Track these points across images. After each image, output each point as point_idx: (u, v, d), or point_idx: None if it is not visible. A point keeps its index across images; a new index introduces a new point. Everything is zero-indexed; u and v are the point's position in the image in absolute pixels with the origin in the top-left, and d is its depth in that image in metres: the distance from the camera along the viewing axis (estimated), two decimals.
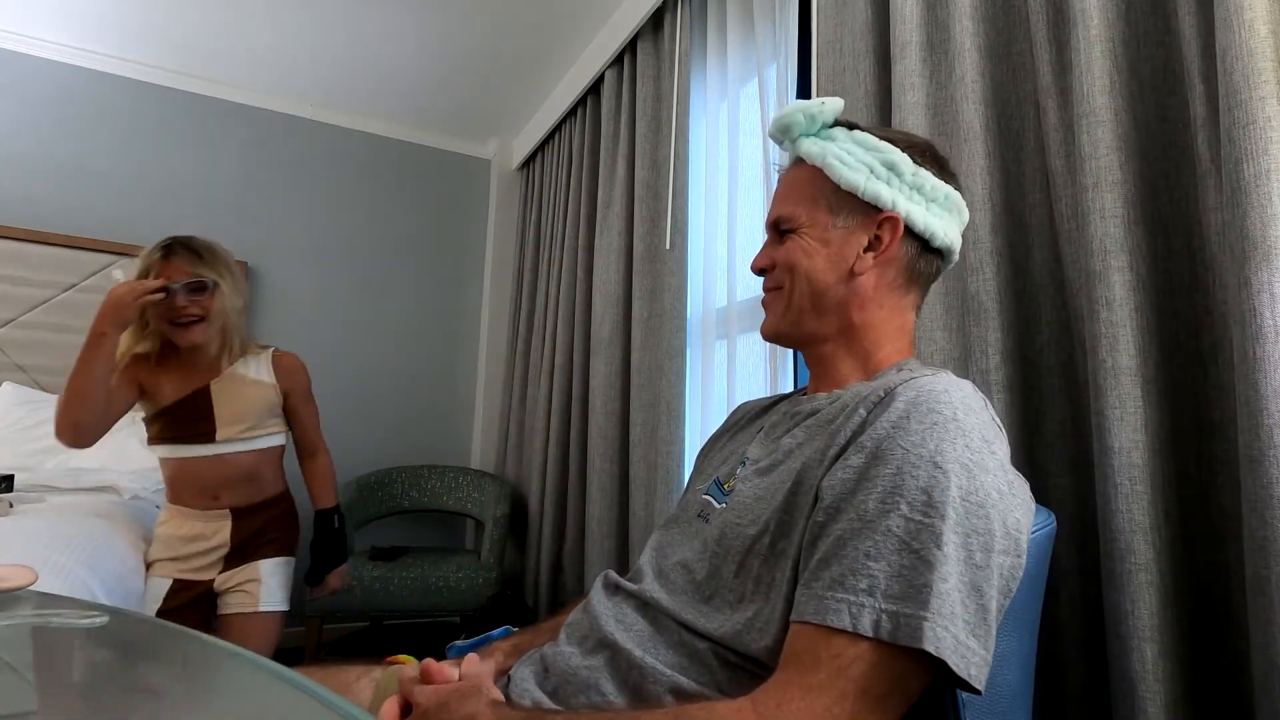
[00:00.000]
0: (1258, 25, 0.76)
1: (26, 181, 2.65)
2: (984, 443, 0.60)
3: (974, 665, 0.54)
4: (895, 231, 0.74)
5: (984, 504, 0.57)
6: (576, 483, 2.35)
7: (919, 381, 0.63)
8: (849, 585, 0.55)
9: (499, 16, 2.47)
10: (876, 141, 0.76)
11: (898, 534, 0.56)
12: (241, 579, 1.61)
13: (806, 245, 0.76)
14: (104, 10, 2.50)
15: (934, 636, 0.52)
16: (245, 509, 1.62)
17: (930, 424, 0.59)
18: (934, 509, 0.56)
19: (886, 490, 0.57)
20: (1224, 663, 0.82)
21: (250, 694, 0.56)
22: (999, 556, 0.57)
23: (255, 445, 1.63)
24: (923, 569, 0.54)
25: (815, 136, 0.79)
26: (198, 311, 1.51)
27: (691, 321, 1.93)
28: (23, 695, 0.51)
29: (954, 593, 0.54)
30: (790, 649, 0.57)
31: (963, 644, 0.53)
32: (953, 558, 0.54)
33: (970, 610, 0.54)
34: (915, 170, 0.74)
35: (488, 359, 3.31)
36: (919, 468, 0.57)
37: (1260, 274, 0.73)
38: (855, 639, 0.54)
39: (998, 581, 0.57)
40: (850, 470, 0.61)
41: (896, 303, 0.76)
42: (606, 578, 0.81)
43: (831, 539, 0.58)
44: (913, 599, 0.53)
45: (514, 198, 3.46)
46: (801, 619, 0.57)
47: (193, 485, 1.59)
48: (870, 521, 0.57)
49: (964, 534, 0.56)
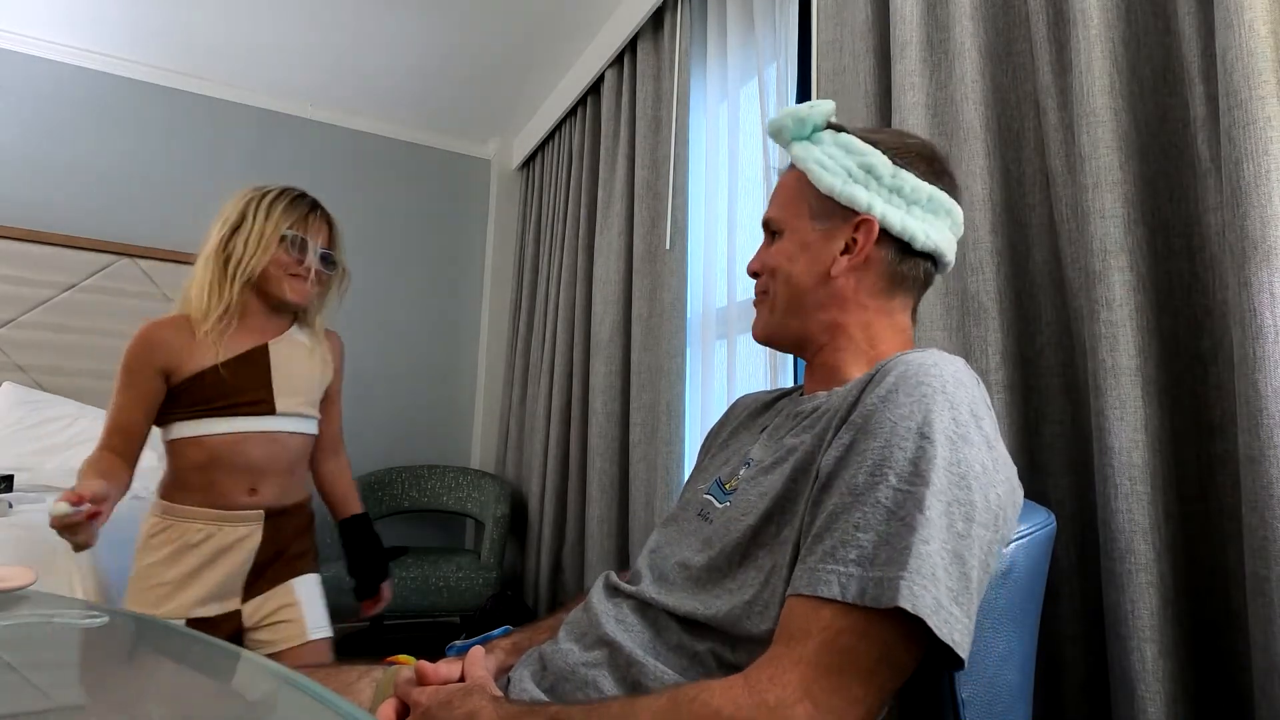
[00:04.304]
0: (1258, 25, 0.76)
1: (26, 181, 2.65)
2: (971, 416, 0.60)
3: (957, 631, 0.53)
4: (870, 234, 0.73)
5: (966, 475, 0.57)
6: (576, 483, 2.35)
7: (908, 356, 0.63)
8: (839, 556, 0.56)
9: (499, 16, 2.47)
10: (859, 144, 0.76)
11: (885, 504, 0.56)
12: (275, 606, 1.31)
13: (788, 248, 0.78)
14: (104, 10, 2.49)
15: (910, 594, 0.52)
16: (278, 511, 1.33)
17: (918, 396, 0.59)
18: (919, 478, 0.56)
19: (875, 463, 0.58)
20: (1224, 663, 0.82)
21: (250, 694, 0.56)
22: (979, 529, 0.57)
23: (308, 428, 1.38)
24: (905, 533, 0.54)
25: (806, 140, 0.79)
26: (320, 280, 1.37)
27: (691, 321, 1.93)
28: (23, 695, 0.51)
29: (935, 556, 0.54)
30: (783, 623, 0.57)
31: (945, 608, 0.53)
32: (936, 523, 0.55)
33: (953, 577, 0.54)
34: (895, 172, 0.74)
35: (488, 359, 3.31)
36: (906, 439, 0.58)
37: (1260, 274, 0.73)
38: (845, 608, 0.54)
39: (979, 552, 0.57)
40: (841, 447, 0.61)
41: (881, 305, 0.76)
42: (607, 579, 0.81)
43: (825, 514, 0.59)
44: (894, 562, 0.54)
45: (514, 198, 3.46)
46: (795, 592, 0.57)
47: (231, 473, 1.27)
48: (860, 494, 0.57)
49: (947, 502, 0.56)
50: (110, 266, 2.68)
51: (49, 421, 2.31)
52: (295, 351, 1.37)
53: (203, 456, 1.27)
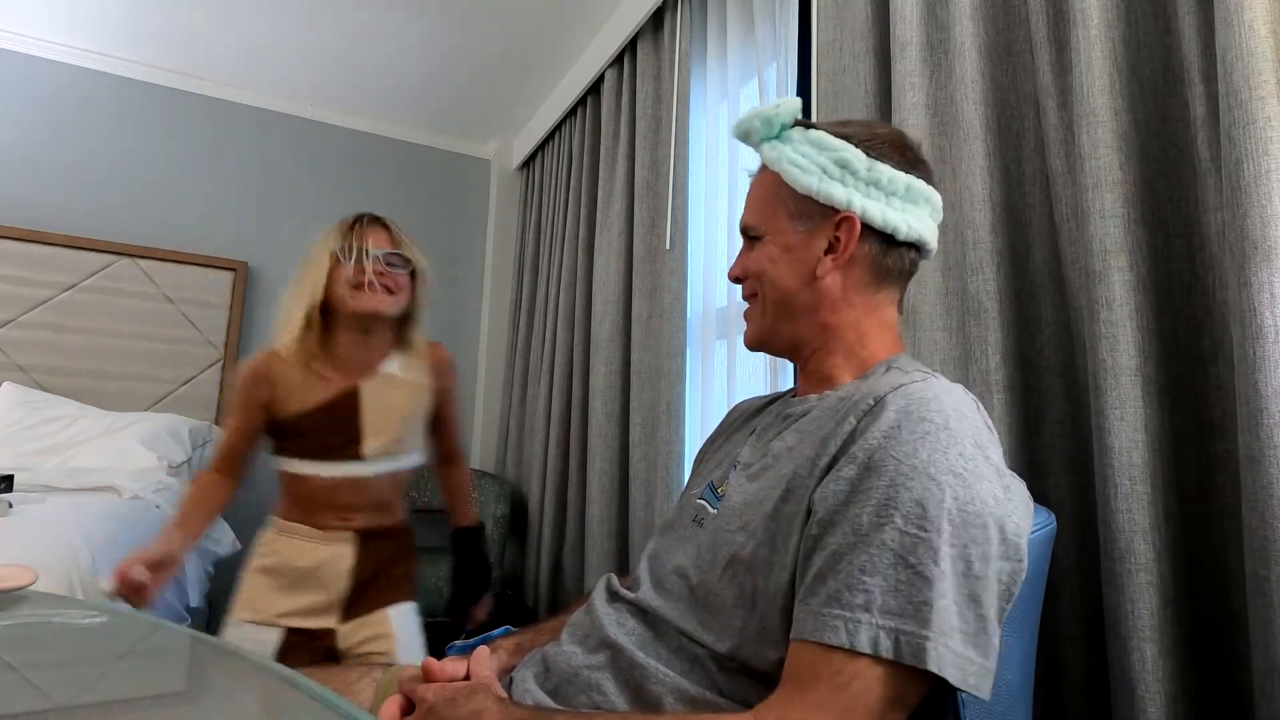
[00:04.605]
0: (1258, 25, 0.76)
1: (26, 181, 2.65)
2: (977, 448, 0.59)
3: (973, 675, 0.54)
4: (852, 231, 0.72)
5: (980, 512, 0.57)
6: (576, 483, 2.35)
7: (910, 389, 0.62)
8: (845, 601, 0.55)
9: (499, 16, 2.47)
10: (831, 140, 0.74)
11: (893, 548, 0.55)
12: (371, 634, 1.30)
13: (771, 252, 0.76)
14: (104, 10, 2.50)
15: (937, 656, 0.52)
16: (374, 532, 1.35)
17: (922, 433, 0.58)
18: (929, 522, 0.55)
19: (880, 503, 0.57)
20: (1224, 663, 0.82)
21: (251, 694, 0.56)
22: (997, 563, 0.57)
23: (398, 466, 1.37)
24: (920, 585, 0.54)
25: (775, 140, 0.78)
26: (390, 285, 1.30)
27: (691, 321, 1.93)
28: (23, 695, 0.51)
29: (951, 607, 0.54)
30: (790, 666, 0.57)
31: (961, 656, 0.54)
32: (949, 572, 0.54)
33: (969, 622, 0.55)
34: (870, 165, 0.73)
35: (488, 359, 3.31)
36: (912, 479, 0.57)
37: (1260, 274, 0.73)
38: (853, 655, 0.54)
39: (996, 589, 0.57)
40: (843, 482, 0.60)
41: (869, 301, 0.75)
42: (609, 582, 0.81)
43: (827, 553, 0.58)
44: (912, 616, 0.53)
45: (514, 198, 3.46)
46: (800, 636, 0.57)
47: (324, 507, 1.32)
48: (865, 535, 0.57)
49: (960, 545, 0.55)
50: (110, 266, 2.68)
51: (49, 421, 2.31)
52: (388, 388, 1.35)
53: (298, 489, 1.32)
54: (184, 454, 2.38)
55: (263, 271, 2.96)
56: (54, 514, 1.67)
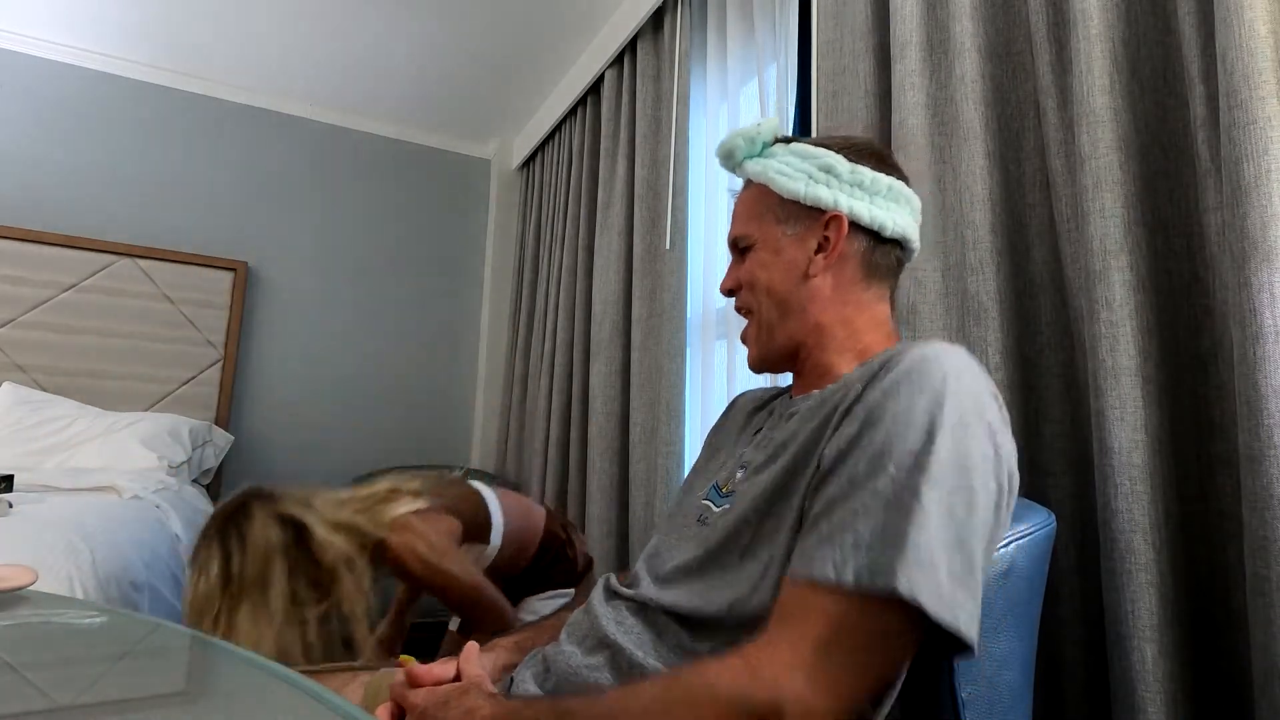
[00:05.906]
0: (1258, 25, 0.76)
1: (26, 181, 2.65)
2: (974, 405, 0.60)
3: (963, 616, 0.54)
4: (841, 229, 0.75)
5: (967, 466, 0.58)
6: (576, 483, 2.35)
7: (912, 349, 0.64)
8: (835, 541, 0.57)
9: (499, 16, 2.47)
10: (812, 149, 0.78)
11: (884, 494, 0.57)
12: None
13: (762, 258, 0.79)
14: (104, 10, 2.50)
15: (907, 579, 0.53)
16: None
17: (920, 388, 0.60)
18: (918, 469, 0.57)
19: (875, 453, 0.59)
20: (1224, 663, 0.82)
21: (250, 694, 0.56)
22: (983, 513, 0.58)
23: None
24: (901, 521, 0.55)
25: (758, 157, 0.81)
26: None
27: (691, 322, 1.93)
28: (23, 695, 0.51)
29: (933, 542, 0.54)
30: (780, 604, 0.59)
31: (948, 594, 0.54)
32: (933, 512, 0.55)
33: (955, 562, 0.55)
34: (853, 168, 0.76)
35: (488, 359, 3.31)
36: (908, 430, 0.58)
37: (1260, 274, 0.73)
38: (839, 591, 0.55)
39: (983, 537, 0.58)
40: (844, 438, 0.62)
41: (860, 298, 0.77)
42: (607, 581, 0.81)
43: (824, 501, 0.60)
44: (889, 546, 0.55)
45: (514, 198, 3.46)
46: (791, 574, 0.59)
47: None
48: (859, 483, 0.58)
49: (947, 490, 0.56)
50: (110, 266, 2.68)
51: (49, 421, 2.31)
52: None
53: None
54: (184, 454, 2.38)
55: (263, 271, 2.96)
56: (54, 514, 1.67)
